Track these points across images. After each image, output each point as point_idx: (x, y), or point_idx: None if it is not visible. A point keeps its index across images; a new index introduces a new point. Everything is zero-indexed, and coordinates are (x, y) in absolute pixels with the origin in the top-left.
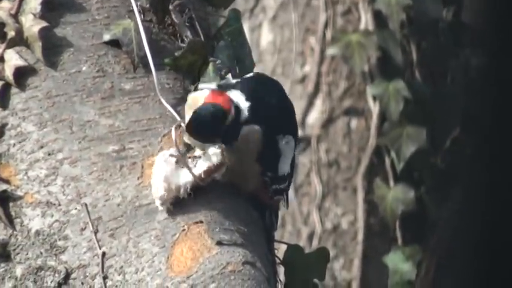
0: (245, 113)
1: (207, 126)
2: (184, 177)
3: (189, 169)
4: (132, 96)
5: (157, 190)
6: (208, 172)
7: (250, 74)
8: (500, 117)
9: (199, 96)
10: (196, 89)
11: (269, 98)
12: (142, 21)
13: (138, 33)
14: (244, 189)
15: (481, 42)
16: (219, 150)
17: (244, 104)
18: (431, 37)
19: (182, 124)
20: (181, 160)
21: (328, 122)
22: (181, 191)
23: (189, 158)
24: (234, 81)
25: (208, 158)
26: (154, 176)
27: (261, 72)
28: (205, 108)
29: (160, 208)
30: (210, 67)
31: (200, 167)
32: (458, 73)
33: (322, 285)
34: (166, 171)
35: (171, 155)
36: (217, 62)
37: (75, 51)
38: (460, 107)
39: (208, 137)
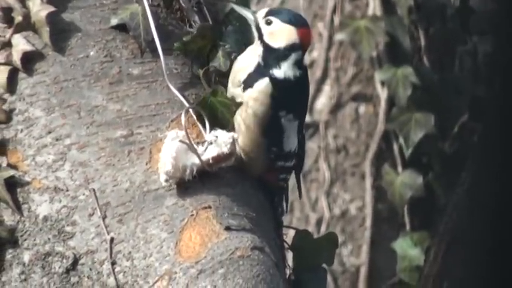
0: (281, 73)
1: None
2: (192, 159)
3: (198, 155)
4: (140, 81)
5: (165, 165)
6: (217, 159)
7: None
8: (508, 103)
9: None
10: (206, 73)
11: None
12: (150, 5)
13: (146, 17)
14: (251, 170)
15: (489, 28)
16: (230, 140)
17: (290, 71)
18: (439, 23)
19: (191, 110)
20: (190, 146)
21: (336, 108)
22: (187, 172)
23: (200, 142)
24: None
25: (220, 145)
26: (163, 151)
27: None
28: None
29: (164, 184)
30: (220, 52)
31: (210, 152)
32: (466, 59)
33: (330, 270)
34: (176, 148)
35: (181, 141)
36: (226, 47)
37: (83, 36)
38: (468, 93)
39: None
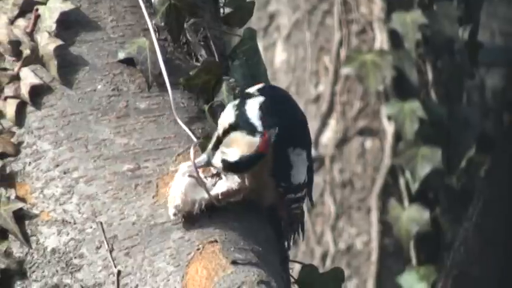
0: (259, 128)
1: (247, 167)
2: (201, 193)
3: (206, 190)
4: (147, 115)
5: (174, 199)
6: (226, 195)
7: (265, 85)
8: None
9: (252, 141)
10: (211, 108)
11: (284, 110)
12: (157, 39)
13: (153, 51)
14: (261, 203)
15: (497, 62)
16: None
17: (257, 121)
18: (447, 57)
19: (198, 146)
20: (199, 181)
21: (342, 142)
22: (196, 206)
23: (209, 176)
24: (255, 90)
25: (230, 180)
26: (173, 185)
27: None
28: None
29: (173, 218)
30: (224, 86)
31: (219, 187)
32: (474, 93)
33: None
34: (186, 183)
35: (190, 176)
36: (230, 81)
37: (91, 69)
38: (475, 127)
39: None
